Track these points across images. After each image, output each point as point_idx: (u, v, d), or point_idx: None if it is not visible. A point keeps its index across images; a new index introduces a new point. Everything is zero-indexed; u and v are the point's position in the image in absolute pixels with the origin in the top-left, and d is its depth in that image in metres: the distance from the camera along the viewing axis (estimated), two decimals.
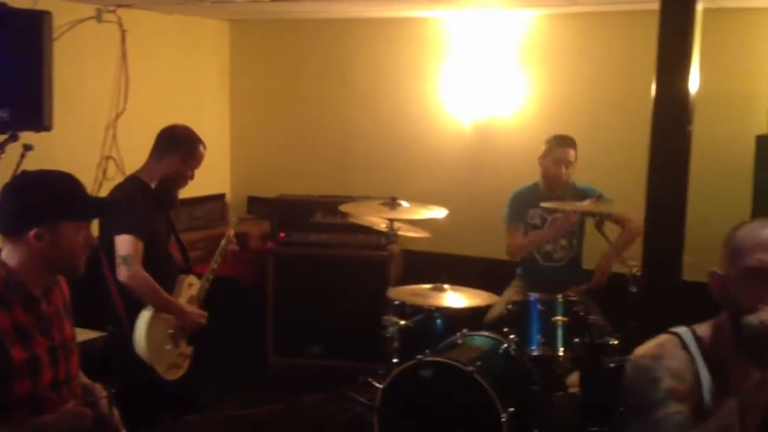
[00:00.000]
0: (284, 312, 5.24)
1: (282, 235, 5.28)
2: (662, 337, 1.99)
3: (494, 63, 5.48)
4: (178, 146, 3.75)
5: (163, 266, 3.70)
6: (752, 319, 1.76)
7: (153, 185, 3.73)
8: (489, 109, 5.54)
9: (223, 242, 4.07)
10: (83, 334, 3.03)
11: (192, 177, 3.82)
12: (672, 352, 1.92)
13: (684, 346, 1.93)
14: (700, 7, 2.68)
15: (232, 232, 4.13)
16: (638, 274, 3.97)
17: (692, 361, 1.90)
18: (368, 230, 4.75)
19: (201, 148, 3.81)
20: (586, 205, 4.18)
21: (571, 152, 4.58)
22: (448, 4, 4.86)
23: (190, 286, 3.87)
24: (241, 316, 5.22)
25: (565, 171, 4.57)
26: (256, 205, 6.36)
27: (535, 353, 3.88)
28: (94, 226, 2.78)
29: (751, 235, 1.85)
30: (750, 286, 1.81)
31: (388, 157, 5.86)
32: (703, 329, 1.98)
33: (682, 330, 1.98)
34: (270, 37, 6.26)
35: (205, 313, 3.84)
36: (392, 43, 5.82)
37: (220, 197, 6.39)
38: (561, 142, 4.61)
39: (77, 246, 2.30)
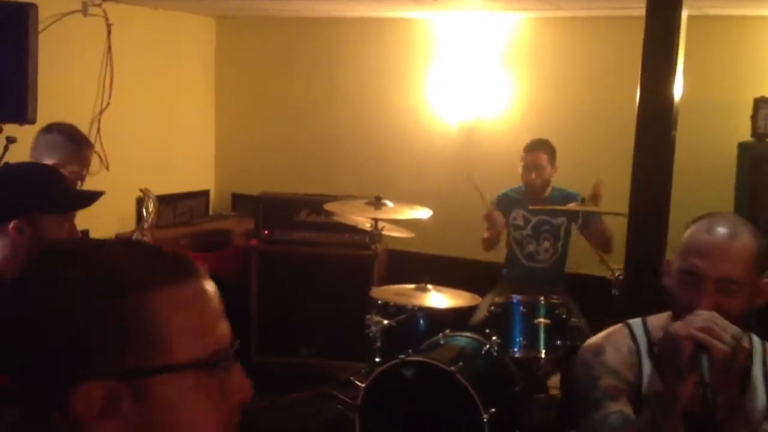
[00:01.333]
0: (267, 310, 5.22)
1: (266, 232, 5.27)
2: (613, 328, 2.04)
3: (480, 64, 5.49)
4: (58, 147, 3.35)
5: None
6: (672, 326, 1.77)
7: None
8: (475, 111, 5.56)
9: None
10: None
11: (82, 179, 3.39)
12: (616, 343, 1.96)
13: (632, 336, 1.96)
14: (685, 14, 2.70)
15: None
16: (620, 277, 4.02)
17: (636, 351, 1.94)
18: (353, 229, 4.75)
19: (86, 149, 3.43)
20: (570, 207, 4.23)
21: (541, 156, 4.59)
22: (435, 6, 4.87)
23: None
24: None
25: (536, 176, 4.59)
26: (240, 202, 6.34)
27: (517, 355, 3.90)
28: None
29: (694, 237, 1.85)
30: (684, 286, 1.84)
31: (373, 156, 5.86)
32: (657, 320, 1.99)
33: (634, 321, 2.02)
34: (256, 34, 6.24)
35: None
36: (379, 42, 5.82)
37: (204, 193, 6.38)
38: (529, 148, 4.64)
39: (60, 239, 2.28)
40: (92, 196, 2.43)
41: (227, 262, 5.48)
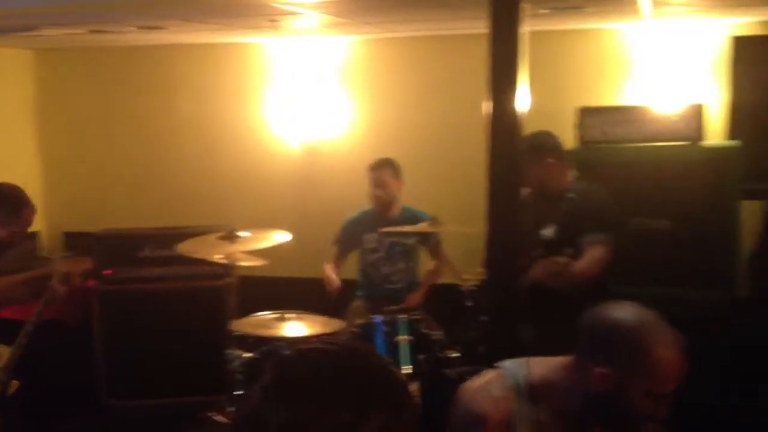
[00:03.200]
0: (118, 352, 4.96)
1: (108, 272, 5.02)
2: (494, 379, 2.01)
3: (318, 86, 5.54)
4: None
5: None
6: None
7: None
8: (316, 132, 5.58)
9: (45, 297, 3.71)
10: None
11: (19, 240, 3.62)
12: (497, 408, 1.94)
13: (510, 392, 1.96)
14: (526, 31, 2.83)
15: (61, 275, 3.77)
16: (473, 288, 4.16)
17: (518, 411, 1.94)
18: (202, 261, 4.61)
19: (26, 211, 3.60)
20: (421, 227, 4.32)
21: (385, 172, 4.68)
22: (270, 32, 4.85)
23: None
24: (68, 360, 4.92)
25: (382, 192, 4.66)
26: (74, 240, 6.02)
27: None
28: None
29: (671, 364, 1.86)
30: (652, 402, 1.87)
31: (218, 183, 5.77)
32: (540, 370, 1.99)
33: (516, 372, 2.00)
34: (83, 65, 6.01)
35: None
36: (216, 68, 5.75)
37: (33, 235, 5.99)
38: (372, 166, 4.72)
39: None
40: None
41: (66, 307, 5.16)
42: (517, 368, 2.00)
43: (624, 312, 1.92)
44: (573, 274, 3.48)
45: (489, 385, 1.99)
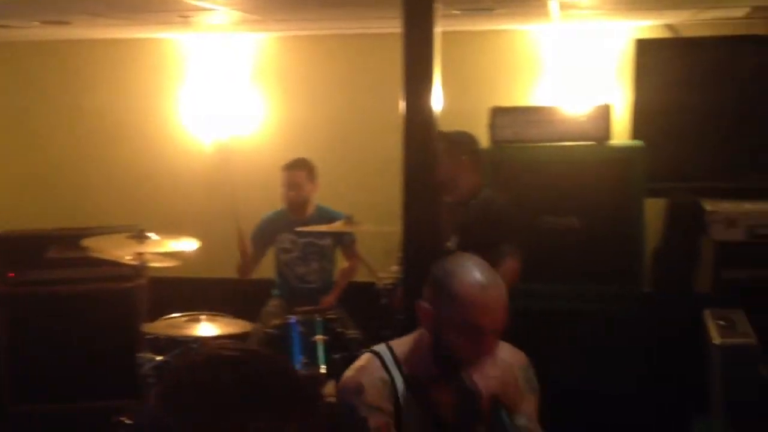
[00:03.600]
0: (23, 356, 4.79)
1: (11, 274, 4.83)
2: (364, 360, 2.13)
3: (231, 83, 5.47)
4: None
5: None
6: (466, 381, 2.02)
7: None
8: (229, 130, 5.51)
9: None
10: None
11: None
12: (372, 378, 2.06)
13: (384, 367, 2.07)
14: (438, 30, 2.86)
15: None
16: (389, 287, 4.17)
17: (390, 381, 2.05)
18: (111, 262, 4.49)
19: None
20: (336, 226, 4.32)
21: (298, 174, 4.65)
22: (183, 27, 4.76)
23: None
24: None
25: (295, 194, 4.64)
26: None
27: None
28: None
29: (473, 292, 1.95)
30: (465, 338, 1.96)
31: (129, 181, 5.65)
32: (402, 346, 2.13)
33: (382, 350, 2.12)
34: None
35: None
36: (127, 64, 5.63)
37: None
38: (285, 167, 4.69)
39: None
40: None
41: None
42: (385, 348, 2.13)
43: (454, 256, 2.12)
44: None
45: (362, 364, 2.12)
